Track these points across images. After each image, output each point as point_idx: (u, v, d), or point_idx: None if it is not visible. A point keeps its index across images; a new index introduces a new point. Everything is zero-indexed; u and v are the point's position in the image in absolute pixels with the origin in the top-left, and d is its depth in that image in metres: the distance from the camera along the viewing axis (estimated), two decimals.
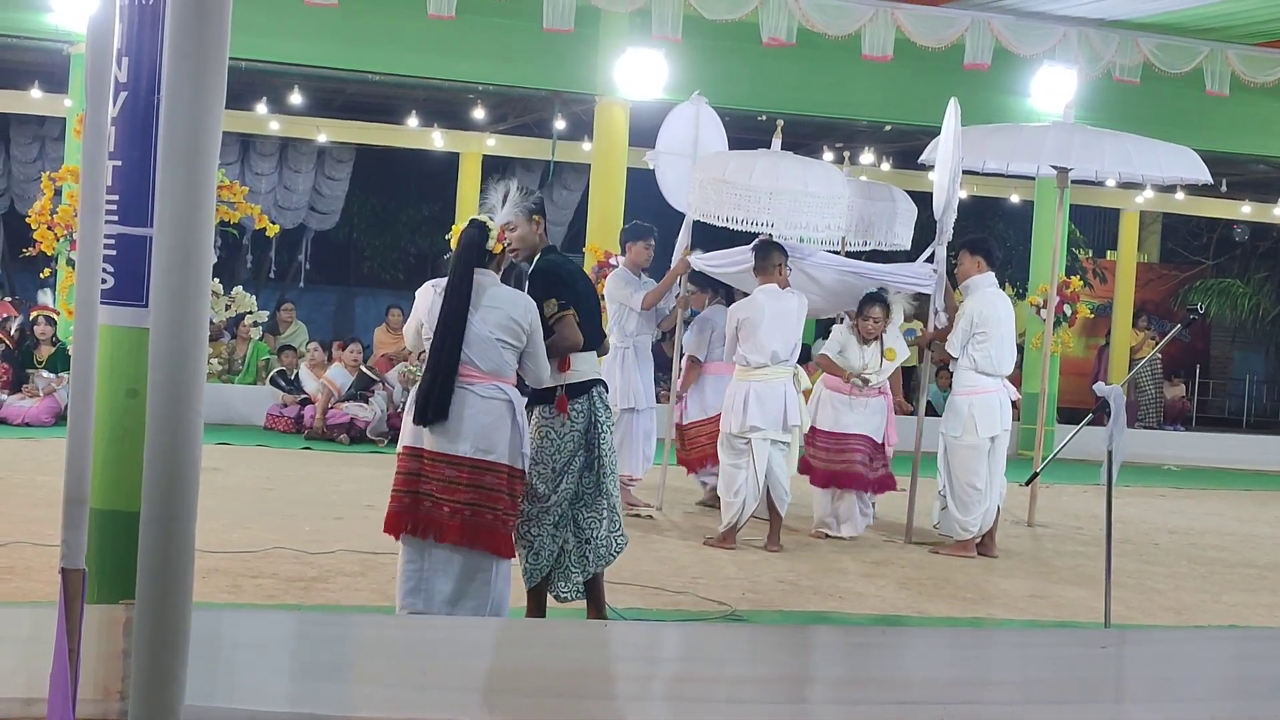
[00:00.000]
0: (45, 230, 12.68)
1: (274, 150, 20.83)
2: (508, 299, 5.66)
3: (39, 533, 7.12)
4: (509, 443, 5.58)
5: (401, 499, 5.61)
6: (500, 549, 5.60)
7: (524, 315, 5.64)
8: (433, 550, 5.56)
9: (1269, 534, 10.99)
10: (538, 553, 5.95)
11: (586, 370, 6.08)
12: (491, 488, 5.54)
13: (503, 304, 5.62)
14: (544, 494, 5.91)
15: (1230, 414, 24.56)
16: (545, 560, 5.97)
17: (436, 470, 5.54)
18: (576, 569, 6.05)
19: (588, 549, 6.04)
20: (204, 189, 2.83)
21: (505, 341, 5.58)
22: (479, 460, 5.52)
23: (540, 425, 5.97)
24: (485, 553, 5.56)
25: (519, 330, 5.61)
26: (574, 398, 5.99)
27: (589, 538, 6.04)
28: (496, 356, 5.57)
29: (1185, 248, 25.68)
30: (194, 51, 2.82)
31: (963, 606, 7.39)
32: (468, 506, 5.51)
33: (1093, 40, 13.92)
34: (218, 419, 13.15)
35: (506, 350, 5.59)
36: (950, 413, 8.96)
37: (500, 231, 5.71)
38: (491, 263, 5.70)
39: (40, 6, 12.77)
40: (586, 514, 6.06)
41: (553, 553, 5.98)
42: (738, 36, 13.48)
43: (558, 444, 5.95)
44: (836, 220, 9.14)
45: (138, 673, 2.86)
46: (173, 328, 2.84)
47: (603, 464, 6.06)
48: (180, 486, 2.84)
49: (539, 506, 5.92)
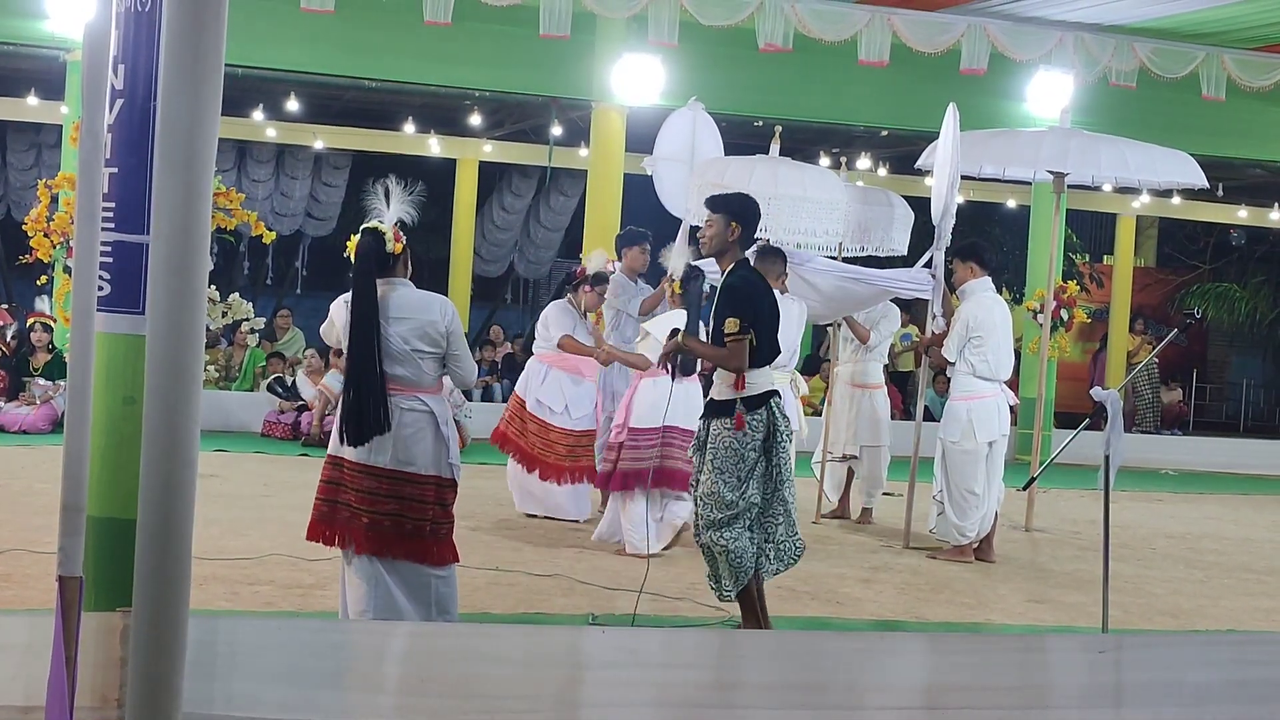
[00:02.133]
0: (42, 237, 12.64)
1: (271, 157, 20.84)
2: (419, 305, 5.56)
3: (36, 540, 7.11)
4: (431, 453, 5.55)
5: (320, 508, 5.63)
6: (424, 557, 5.59)
7: (440, 318, 5.54)
8: (353, 559, 5.58)
9: (1266, 538, 10.99)
10: (739, 556, 6.13)
11: (762, 383, 6.18)
12: (412, 498, 5.54)
13: (413, 311, 5.52)
14: (732, 501, 6.08)
15: (1227, 418, 24.58)
16: (748, 563, 6.15)
17: (356, 481, 5.53)
18: (764, 570, 6.25)
19: (770, 548, 6.23)
20: (200, 196, 2.82)
21: (421, 350, 5.52)
22: (398, 471, 5.51)
23: (721, 435, 6.11)
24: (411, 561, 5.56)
25: (435, 335, 5.53)
26: (752, 410, 6.11)
27: (769, 540, 6.23)
28: (413, 366, 5.51)
29: (1182, 252, 25.70)
30: (190, 58, 2.82)
31: (960, 611, 7.38)
32: (388, 517, 5.51)
33: (1089, 45, 13.93)
34: (215, 426, 13.14)
35: (425, 359, 5.53)
36: (948, 418, 8.96)
37: (395, 232, 5.57)
38: (397, 266, 5.58)
39: (37, 14, 12.77)
40: (763, 519, 6.23)
41: (753, 555, 6.16)
42: (734, 42, 13.49)
43: (741, 454, 6.10)
44: (834, 226, 9.15)
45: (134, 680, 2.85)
46: (169, 335, 2.83)
47: (780, 471, 6.18)
48: (177, 493, 2.83)
49: (727, 513, 6.09)
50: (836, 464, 10.33)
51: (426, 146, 19.52)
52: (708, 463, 6.15)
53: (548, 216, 22.23)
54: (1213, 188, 14.84)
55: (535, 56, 13.81)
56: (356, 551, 5.56)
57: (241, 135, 19.08)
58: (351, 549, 5.57)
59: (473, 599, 6.76)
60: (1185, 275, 25.14)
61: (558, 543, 8.59)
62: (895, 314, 10.28)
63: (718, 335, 6.14)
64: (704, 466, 6.19)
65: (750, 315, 6.09)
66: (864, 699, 5.00)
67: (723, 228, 6.24)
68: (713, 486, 6.08)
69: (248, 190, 19.51)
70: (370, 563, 5.55)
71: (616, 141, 14.29)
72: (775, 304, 6.44)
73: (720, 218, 6.26)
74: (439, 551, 5.64)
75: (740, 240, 6.30)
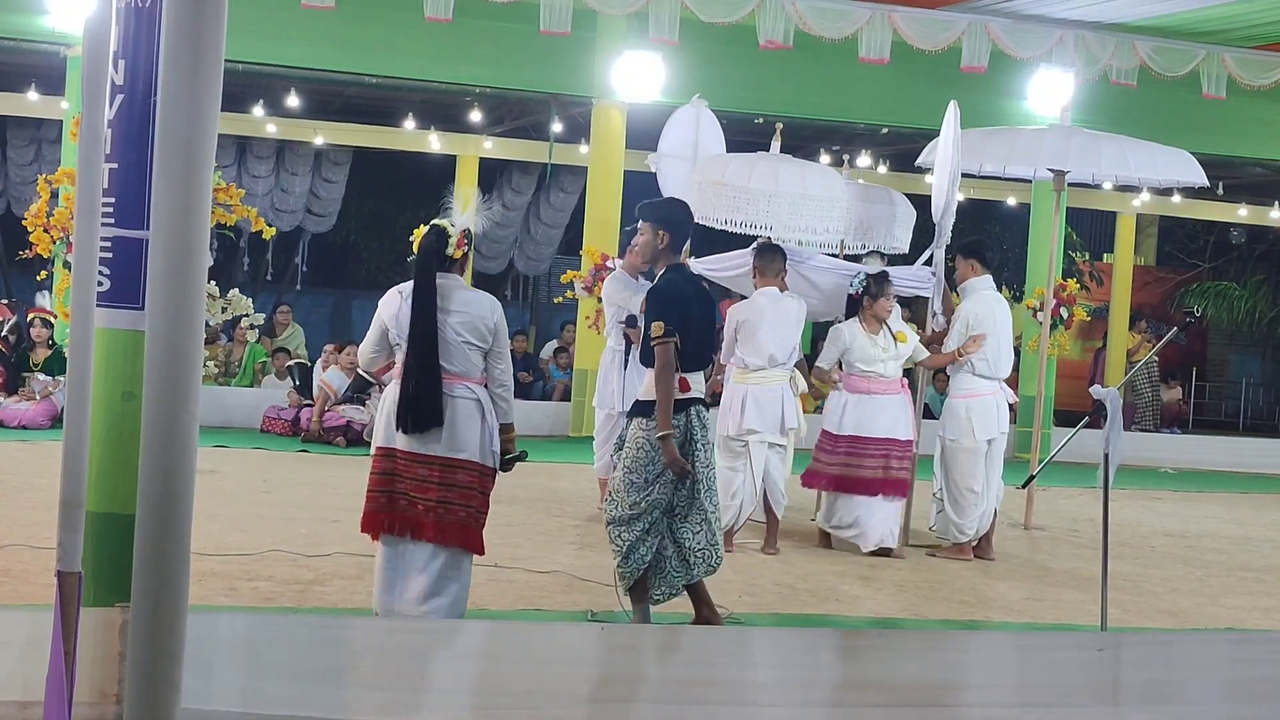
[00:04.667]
0: (42, 233, 12.66)
1: (271, 153, 20.82)
2: (473, 301, 5.82)
3: (35, 536, 7.11)
4: (479, 441, 5.75)
5: (378, 499, 5.79)
6: (471, 545, 5.81)
7: (489, 315, 5.81)
8: (409, 548, 5.73)
9: (1266, 537, 10.99)
10: (627, 557, 6.14)
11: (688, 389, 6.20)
12: (463, 485, 5.73)
13: (468, 307, 5.78)
14: (635, 501, 6.10)
15: (1227, 417, 24.57)
16: (635, 564, 6.15)
17: (410, 470, 5.72)
18: (678, 574, 6.23)
19: (690, 555, 6.22)
20: (200, 191, 2.82)
21: (472, 343, 5.76)
22: (450, 459, 5.71)
23: (637, 435, 6.15)
24: (458, 549, 5.76)
25: (484, 331, 5.78)
26: (673, 414, 6.11)
27: (689, 547, 6.21)
28: (464, 359, 5.75)
29: (1182, 251, 25.69)
30: (190, 54, 2.82)
31: (959, 609, 7.38)
32: (440, 504, 5.70)
33: (1090, 43, 13.93)
34: (214, 422, 13.13)
35: (474, 352, 5.77)
36: (947, 415, 8.96)
37: (459, 237, 5.81)
38: (455, 267, 5.85)
39: (37, 9, 12.77)
40: (682, 525, 6.22)
41: (644, 557, 6.14)
42: (735, 40, 13.49)
43: (651, 455, 6.11)
44: (835, 223, 9.13)
45: (133, 675, 2.85)
46: (169, 330, 2.84)
47: (698, 479, 6.19)
48: (176, 489, 2.84)
49: (629, 513, 6.11)
50: None
51: (426, 143, 19.51)
52: (621, 461, 6.21)
53: (548, 213, 22.21)
54: (1213, 186, 14.87)
55: (536, 53, 13.81)
56: (414, 538, 5.72)
57: (242, 131, 19.05)
58: (408, 537, 5.72)
59: (472, 595, 6.74)
60: (1185, 274, 25.14)
61: (557, 539, 8.59)
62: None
63: (645, 339, 6.20)
64: (618, 464, 6.25)
65: (676, 319, 6.12)
66: (863, 696, 5.01)
67: (651, 236, 6.33)
68: (620, 483, 6.15)
69: (248, 186, 19.48)
70: (427, 550, 5.72)
71: (617, 138, 14.28)
72: (709, 310, 6.48)
73: (649, 226, 6.35)
74: (478, 540, 5.83)
75: (670, 246, 6.34)
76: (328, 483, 10.51)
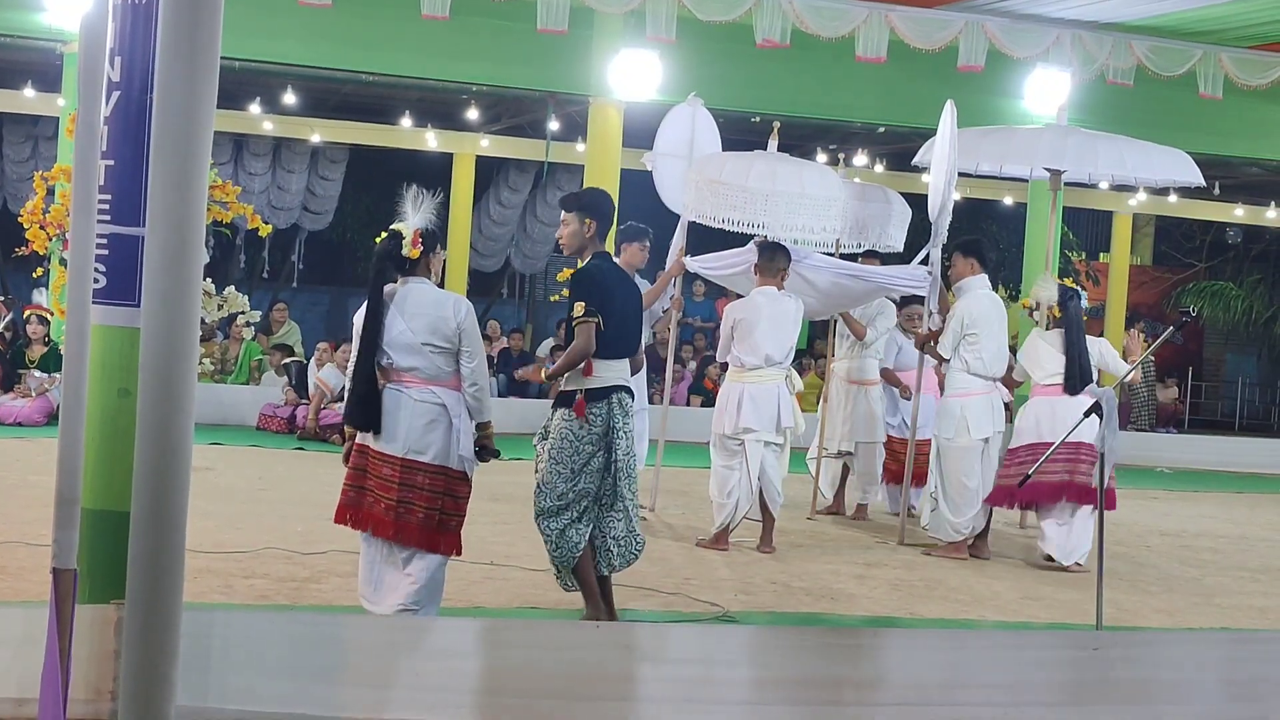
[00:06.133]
0: (38, 230, 12.67)
1: (267, 150, 20.81)
2: (434, 302, 5.85)
3: (31, 533, 7.11)
4: (441, 445, 5.80)
5: (348, 493, 5.93)
6: (432, 545, 5.84)
7: (451, 316, 5.81)
8: (383, 541, 5.84)
9: (1261, 536, 11.00)
10: (558, 545, 6.18)
11: (609, 376, 6.25)
12: (422, 487, 5.79)
13: (427, 308, 5.82)
14: (563, 491, 6.15)
15: (1223, 416, 24.59)
16: (568, 551, 6.18)
17: (377, 468, 5.83)
18: (601, 564, 6.28)
19: (611, 544, 6.26)
20: (196, 189, 2.81)
21: (434, 345, 5.79)
22: (410, 460, 5.78)
23: (560, 425, 6.20)
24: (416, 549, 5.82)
25: (447, 332, 5.79)
26: (594, 402, 6.18)
27: (609, 536, 6.26)
28: (426, 361, 5.79)
29: (1178, 250, 25.71)
30: (186, 51, 2.81)
31: (954, 608, 7.39)
32: (400, 504, 5.78)
33: (1086, 43, 13.94)
34: (210, 419, 13.13)
35: (438, 354, 5.80)
36: (942, 414, 8.96)
37: (414, 236, 5.84)
38: (418, 268, 5.89)
39: (33, 6, 12.75)
40: (604, 515, 6.28)
41: (577, 545, 6.18)
42: (732, 38, 13.48)
43: (576, 445, 6.16)
44: (832, 222, 9.13)
45: (128, 673, 2.85)
46: (164, 327, 2.83)
47: (619, 468, 6.22)
48: (171, 486, 2.83)
49: (557, 504, 6.16)
50: (832, 460, 10.34)
51: (423, 141, 19.51)
52: (547, 451, 6.24)
53: (544, 211, 22.20)
54: (1209, 186, 14.89)
55: (532, 51, 13.80)
56: (374, 534, 5.84)
57: (238, 128, 19.05)
58: (369, 532, 5.85)
59: (467, 593, 6.77)
60: (1181, 273, 25.16)
61: None
62: (891, 310, 10.28)
63: (568, 321, 6.27)
64: (543, 455, 6.27)
65: (598, 301, 6.18)
66: (858, 695, 5.01)
67: (577, 225, 6.37)
68: (547, 475, 6.19)
69: (244, 183, 19.49)
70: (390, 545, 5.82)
71: (613, 137, 14.27)
72: (634, 299, 6.52)
73: (574, 216, 6.39)
74: (446, 542, 5.87)
75: (597, 234, 6.38)
76: (323, 480, 10.47)
